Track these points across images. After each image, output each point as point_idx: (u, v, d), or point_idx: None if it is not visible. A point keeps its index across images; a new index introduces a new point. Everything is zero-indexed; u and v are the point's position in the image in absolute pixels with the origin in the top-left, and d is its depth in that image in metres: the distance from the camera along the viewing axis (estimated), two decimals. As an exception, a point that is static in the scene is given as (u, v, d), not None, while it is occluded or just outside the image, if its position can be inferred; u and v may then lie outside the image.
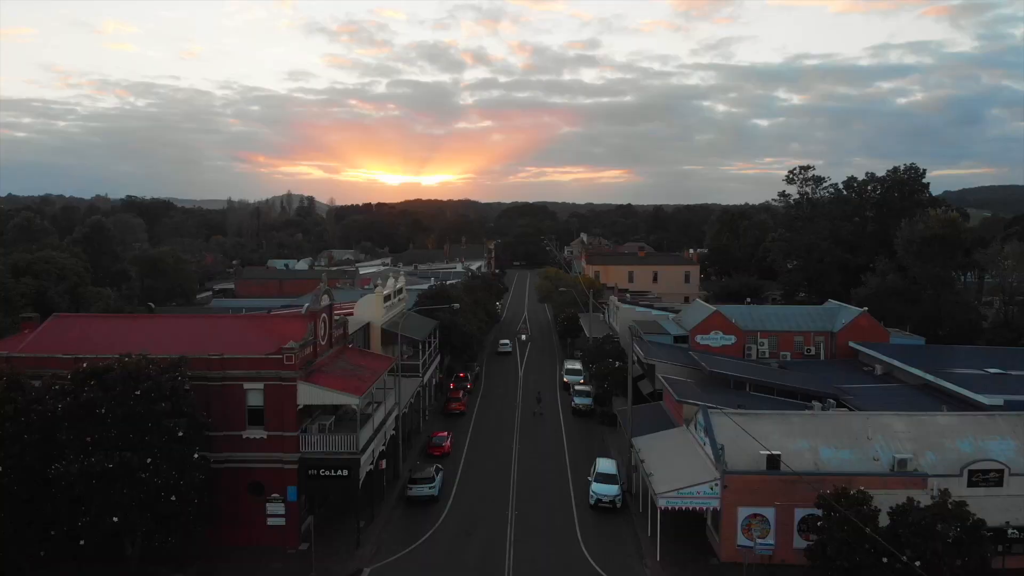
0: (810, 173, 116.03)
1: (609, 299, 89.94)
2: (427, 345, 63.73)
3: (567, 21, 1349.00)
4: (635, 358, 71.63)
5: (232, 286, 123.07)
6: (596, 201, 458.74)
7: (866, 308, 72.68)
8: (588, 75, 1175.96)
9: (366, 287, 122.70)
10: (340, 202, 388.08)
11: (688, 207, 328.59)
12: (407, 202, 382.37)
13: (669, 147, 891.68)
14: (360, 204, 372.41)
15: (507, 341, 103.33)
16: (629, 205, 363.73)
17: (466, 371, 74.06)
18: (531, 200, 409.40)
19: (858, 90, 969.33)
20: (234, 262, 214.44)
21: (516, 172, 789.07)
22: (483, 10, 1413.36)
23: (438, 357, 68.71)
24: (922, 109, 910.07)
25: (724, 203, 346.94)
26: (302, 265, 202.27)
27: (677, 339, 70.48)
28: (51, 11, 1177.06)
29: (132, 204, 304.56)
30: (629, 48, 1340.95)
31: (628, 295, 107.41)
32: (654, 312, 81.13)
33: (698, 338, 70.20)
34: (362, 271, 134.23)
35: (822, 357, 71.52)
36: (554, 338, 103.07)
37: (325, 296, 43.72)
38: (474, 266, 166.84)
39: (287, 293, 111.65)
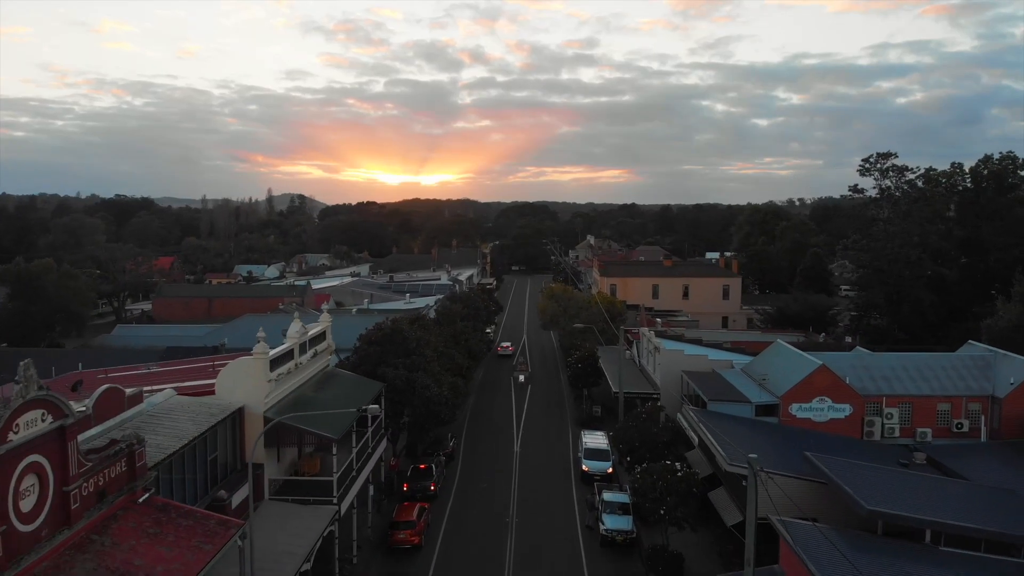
0: (890, 162, 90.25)
1: (643, 333, 64.49)
2: (358, 432, 38.25)
3: (565, 20, 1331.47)
4: (694, 434, 46.49)
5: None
6: (597, 201, 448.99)
7: (1046, 359, 47.29)
8: (587, 74, 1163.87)
9: (323, 307, 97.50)
10: (340, 201, 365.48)
11: (698, 206, 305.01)
12: (404, 201, 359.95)
13: (669, 147, 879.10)
14: (353, 203, 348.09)
15: (508, 343, 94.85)
16: (633, 204, 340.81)
17: (431, 458, 47.92)
18: (531, 200, 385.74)
19: (857, 90, 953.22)
20: (198, 267, 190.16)
21: (515, 172, 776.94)
22: (480, 9, 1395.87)
23: (383, 443, 43.21)
24: (922, 109, 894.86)
25: (725, 203, 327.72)
26: (272, 271, 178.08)
27: (759, 409, 45.29)
28: (48, 10, 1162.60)
29: (108, 203, 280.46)
30: (627, 47, 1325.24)
31: (659, 320, 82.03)
32: (711, 355, 55.68)
33: (793, 408, 45.03)
34: (319, 284, 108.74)
35: (983, 437, 46.35)
36: (562, 379, 77.38)
37: (40, 416, 18.17)
38: (465, 275, 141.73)
39: (216, 315, 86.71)
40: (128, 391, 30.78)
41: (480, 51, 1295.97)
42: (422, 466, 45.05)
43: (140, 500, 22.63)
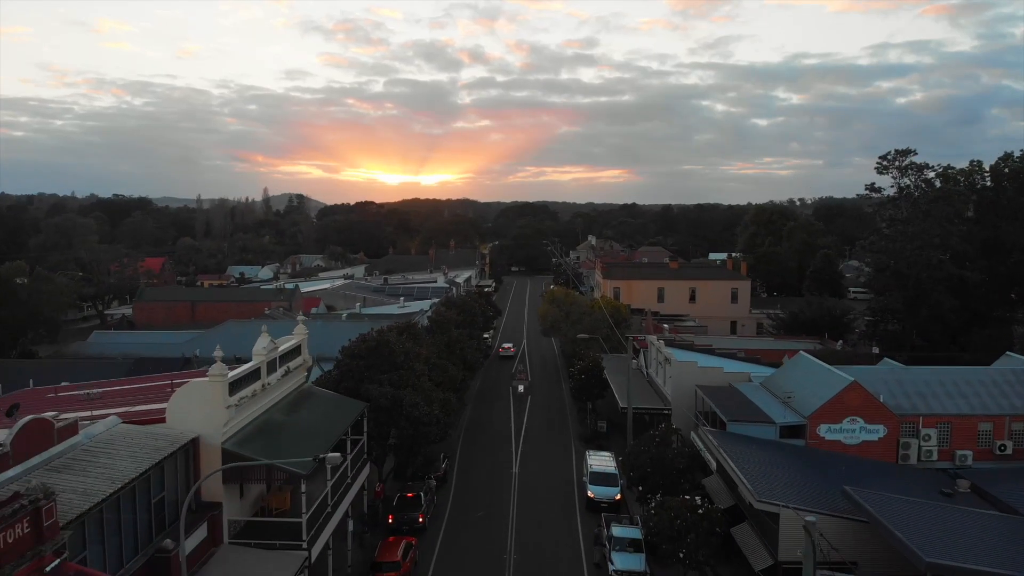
0: (908, 159, 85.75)
1: (651, 341, 60.12)
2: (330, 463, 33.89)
3: (564, 20, 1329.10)
4: (712, 458, 42.16)
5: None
6: (597, 201, 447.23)
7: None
8: (586, 74, 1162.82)
9: (312, 311, 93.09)
10: (340, 201, 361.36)
11: (699, 206, 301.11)
12: (404, 201, 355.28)
13: (668, 147, 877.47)
14: (352, 204, 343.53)
15: (509, 344, 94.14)
16: (634, 204, 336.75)
17: (420, 483, 43.21)
18: (531, 200, 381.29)
19: (857, 90, 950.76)
20: (190, 268, 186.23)
21: (515, 172, 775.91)
22: (480, 8, 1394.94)
23: (366, 468, 38.81)
24: (922, 109, 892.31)
25: (725, 203, 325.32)
26: (266, 272, 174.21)
27: (784, 430, 40.94)
28: (47, 10, 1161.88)
29: (103, 203, 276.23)
30: (627, 47, 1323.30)
31: (666, 326, 77.74)
32: (727, 367, 51.28)
33: (822, 429, 40.77)
34: (310, 287, 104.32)
35: (1029, 460, 42.09)
36: (564, 389, 72.97)
37: None
38: (463, 276, 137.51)
39: (199, 320, 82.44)
40: (61, 420, 26.43)
41: (480, 51, 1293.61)
42: (409, 494, 40.56)
43: (48, 569, 18.26)
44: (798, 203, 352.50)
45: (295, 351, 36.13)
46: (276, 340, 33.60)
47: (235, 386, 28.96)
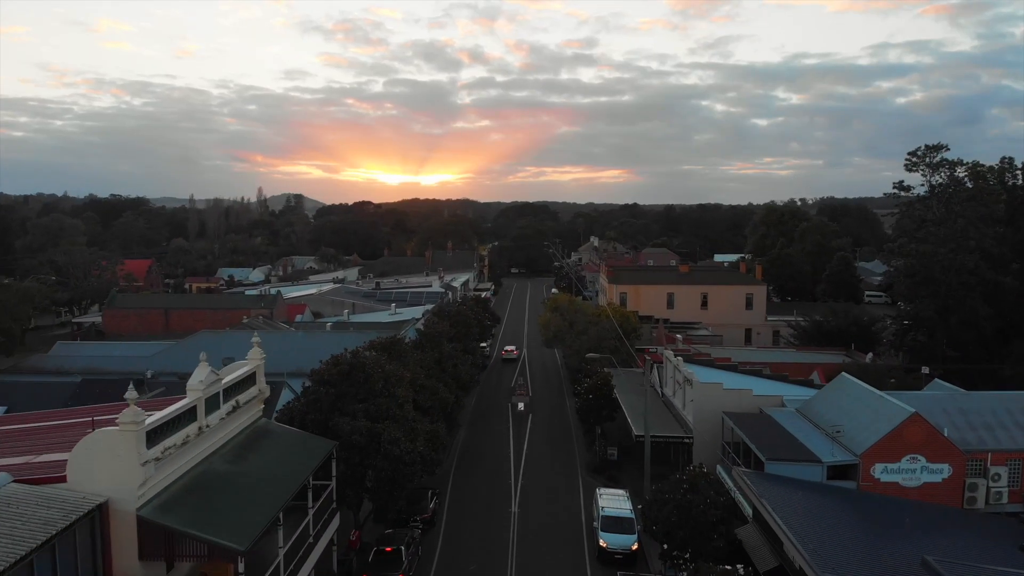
0: (940, 156, 79.47)
1: (666, 356, 53.85)
2: (296, 508, 27.77)
3: (564, 20, 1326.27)
4: (748, 503, 35.98)
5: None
6: (597, 201, 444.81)
7: None
8: (586, 74, 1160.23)
9: (296, 319, 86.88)
10: (340, 202, 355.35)
11: (701, 206, 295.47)
12: (403, 201, 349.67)
13: (668, 147, 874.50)
14: (350, 204, 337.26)
15: (512, 347, 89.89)
16: (635, 204, 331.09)
17: (403, 532, 36.46)
18: (531, 200, 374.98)
19: (857, 89, 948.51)
20: (179, 271, 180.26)
21: (515, 172, 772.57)
22: (479, 8, 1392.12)
23: (335, 520, 32.58)
24: (922, 109, 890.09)
25: (726, 203, 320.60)
26: (257, 274, 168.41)
27: (832, 471, 34.78)
28: (46, 9, 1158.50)
29: (97, 203, 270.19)
30: (627, 47, 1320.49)
31: (679, 336, 71.64)
32: (756, 389, 45.01)
33: (876, 470, 34.69)
34: (296, 292, 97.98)
35: (1117, 504, 35.97)
36: (568, 406, 66.61)
37: None
38: (461, 279, 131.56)
39: (173, 329, 76.31)
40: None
41: (479, 51, 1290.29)
42: (388, 548, 34.20)
43: None
44: (799, 203, 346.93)
45: (248, 380, 29.95)
46: (219, 371, 27.37)
47: (157, 434, 22.79)
